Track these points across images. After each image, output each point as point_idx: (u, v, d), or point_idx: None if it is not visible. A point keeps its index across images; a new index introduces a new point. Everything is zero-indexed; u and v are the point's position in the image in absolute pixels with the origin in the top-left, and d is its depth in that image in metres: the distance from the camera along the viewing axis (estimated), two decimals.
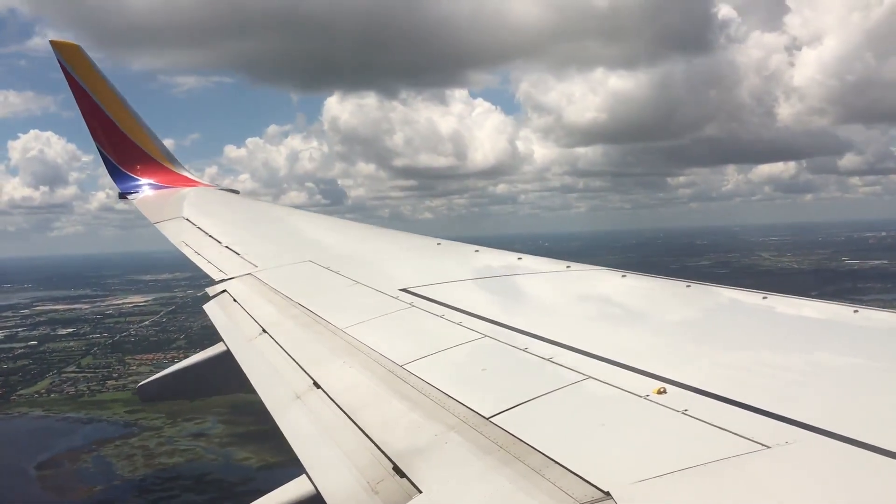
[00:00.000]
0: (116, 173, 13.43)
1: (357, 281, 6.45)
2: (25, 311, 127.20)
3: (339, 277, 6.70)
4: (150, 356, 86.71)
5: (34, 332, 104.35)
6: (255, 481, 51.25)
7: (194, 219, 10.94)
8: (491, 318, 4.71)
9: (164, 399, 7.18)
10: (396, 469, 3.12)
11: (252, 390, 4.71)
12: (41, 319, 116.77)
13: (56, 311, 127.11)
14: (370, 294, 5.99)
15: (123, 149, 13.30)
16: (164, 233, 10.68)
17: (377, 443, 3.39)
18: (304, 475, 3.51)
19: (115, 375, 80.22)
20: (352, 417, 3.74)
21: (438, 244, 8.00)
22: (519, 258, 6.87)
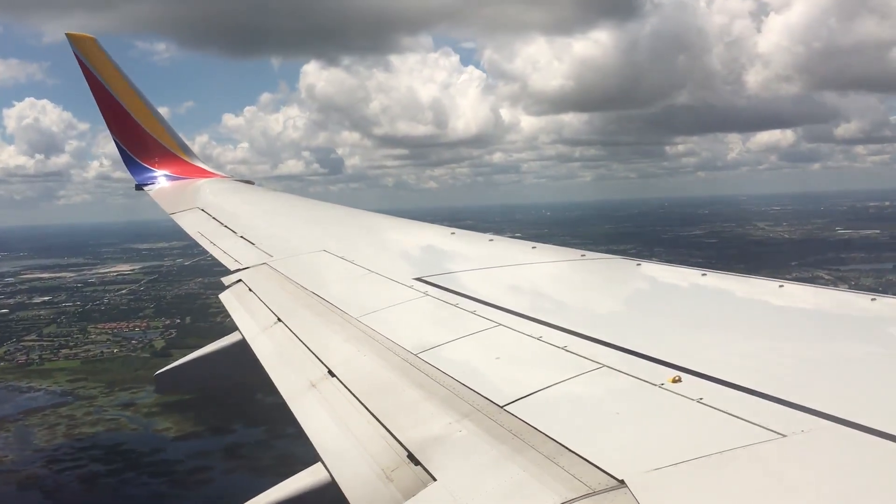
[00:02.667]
0: (133, 165, 13.54)
1: (371, 270, 6.47)
2: (10, 279, 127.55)
3: (354, 267, 6.73)
4: (114, 325, 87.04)
5: (10, 301, 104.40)
6: (164, 451, 52.29)
7: (210, 209, 11.01)
8: (505, 306, 4.71)
9: (180, 388, 7.25)
10: (411, 457, 3.14)
11: (268, 379, 4.75)
12: (22, 288, 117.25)
13: (41, 279, 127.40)
14: (384, 283, 6.01)
15: (139, 140, 13.40)
16: (180, 223, 10.76)
17: (392, 430, 3.41)
18: (319, 463, 3.54)
19: (70, 344, 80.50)
20: (366, 405, 3.76)
21: (452, 233, 8.01)
22: (533, 247, 6.85)
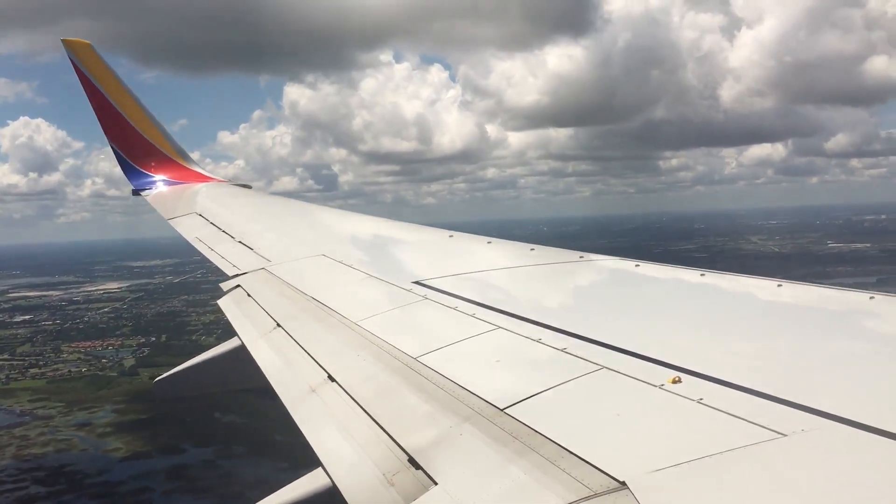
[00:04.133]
0: (130, 170, 13.53)
1: (370, 274, 6.47)
2: None
3: (353, 271, 6.72)
4: (89, 344, 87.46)
5: None
6: (109, 472, 52.39)
7: (207, 214, 11.00)
8: (504, 309, 4.70)
9: (178, 395, 7.24)
10: (412, 461, 3.13)
11: (267, 385, 4.74)
12: (6, 307, 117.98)
13: (27, 298, 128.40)
14: (383, 287, 6.00)
15: (136, 146, 13.39)
16: (177, 228, 10.75)
17: (392, 435, 3.40)
18: (319, 468, 3.53)
19: (40, 363, 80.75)
20: (367, 410, 3.76)
21: (451, 236, 8.00)
22: (532, 249, 6.85)
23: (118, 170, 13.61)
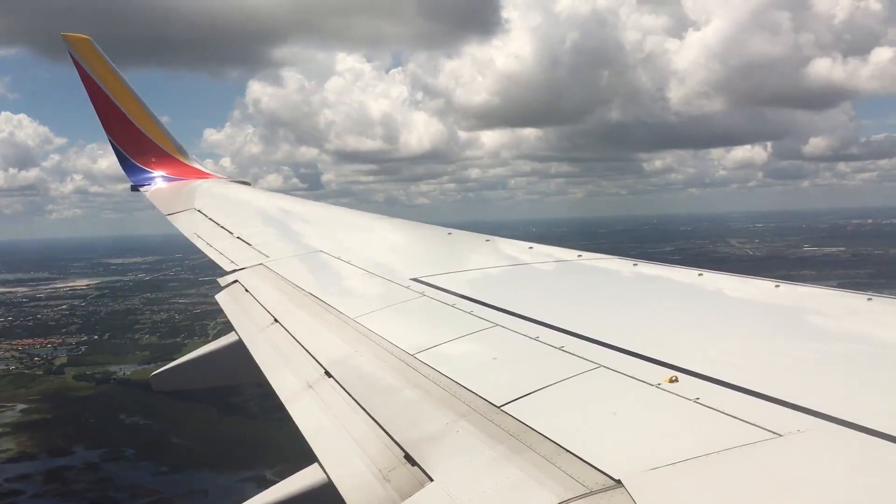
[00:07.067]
0: (129, 166, 13.51)
1: (368, 270, 6.46)
2: None
3: (350, 267, 6.72)
4: (30, 341, 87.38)
5: None
6: None
7: (206, 210, 10.99)
8: (502, 306, 4.71)
9: (176, 389, 7.24)
10: (408, 457, 3.14)
11: (264, 380, 4.74)
12: None
13: None
14: (381, 283, 6.01)
15: (136, 141, 13.37)
16: (176, 224, 10.74)
17: (388, 431, 3.41)
18: (315, 464, 3.54)
19: None
20: (363, 406, 3.76)
21: (449, 233, 8.00)
22: (530, 247, 6.85)
23: (111, 167, 13.61)
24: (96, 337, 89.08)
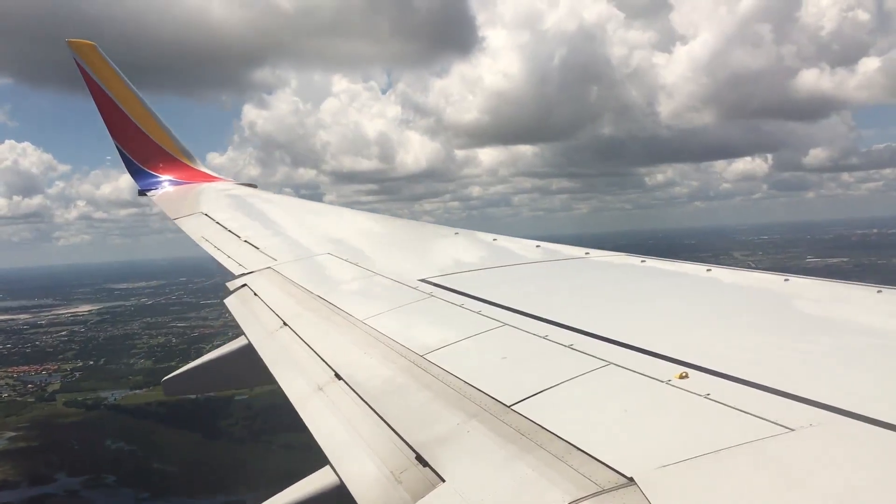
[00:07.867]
0: (135, 171, 13.56)
1: (376, 272, 6.47)
2: None
3: (358, 269, 6.73)
4: (25, 368, 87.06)
5: None
6: None
7: (213, 214, 11.02)
8: (510, 306, 4.70)
9: (187, 393, 7.27)
10: (419, 458, 3.14)
11: (275, 382, 4.75)
12: None
13: None
14: (389, 285, 6.01)
15: (142, 146, 13.42)
16: (183, 228, 10.77)
17: (399, 432, 3.41)
18: (327, 466, 3.54)
19: None
20: (373, 408, 3.77)
21: (456, 234, 8.00)
22: (537, 245, 6.85)
23: (114, 192, 13.65)
24: (91, 362, 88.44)
